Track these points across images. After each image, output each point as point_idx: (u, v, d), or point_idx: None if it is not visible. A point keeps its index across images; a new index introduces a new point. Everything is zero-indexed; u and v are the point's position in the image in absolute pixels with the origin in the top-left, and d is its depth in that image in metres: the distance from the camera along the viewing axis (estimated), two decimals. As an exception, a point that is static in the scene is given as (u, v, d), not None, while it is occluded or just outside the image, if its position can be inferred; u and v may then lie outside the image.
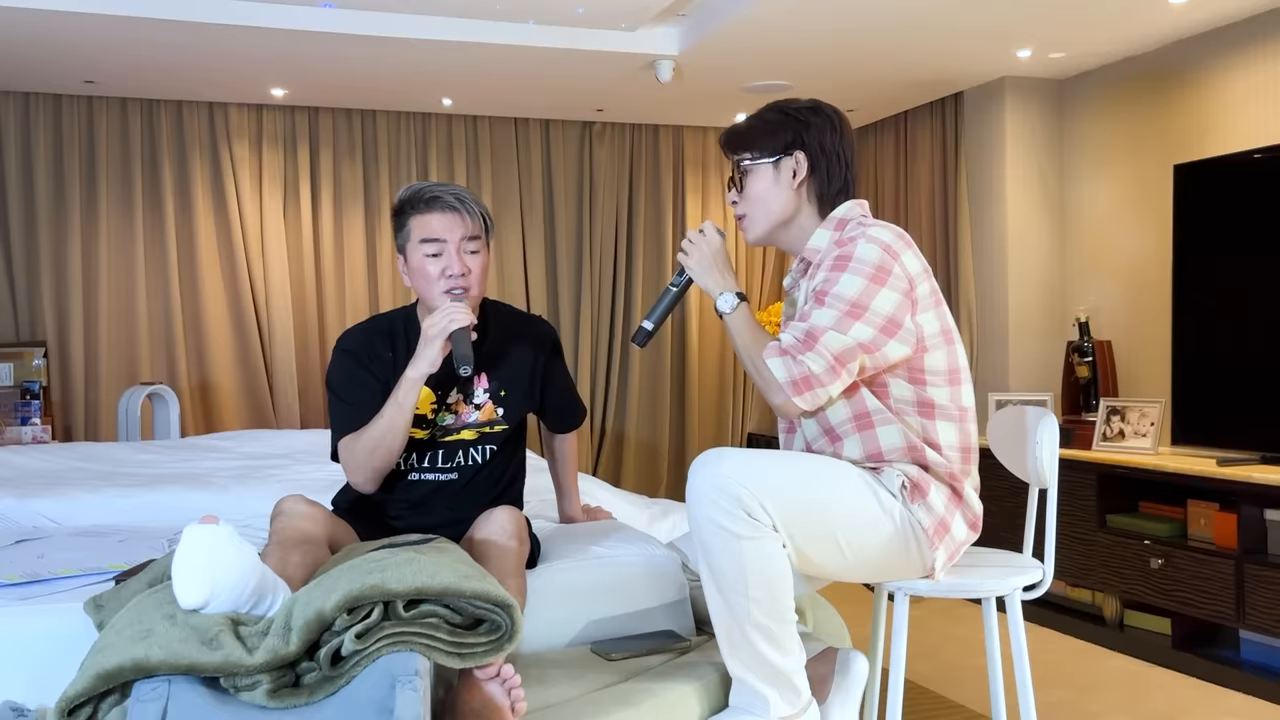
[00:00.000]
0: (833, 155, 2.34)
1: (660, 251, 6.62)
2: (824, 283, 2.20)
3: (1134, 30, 4.62)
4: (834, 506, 2.11)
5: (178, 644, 1.67)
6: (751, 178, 2.36)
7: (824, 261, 2.25)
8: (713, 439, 6.76)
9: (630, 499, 3.63)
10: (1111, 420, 4.60)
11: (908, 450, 2.22)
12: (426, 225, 2.44)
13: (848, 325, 2.14)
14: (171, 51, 4.85)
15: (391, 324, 2.58)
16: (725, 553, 2.03)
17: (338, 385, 2.50)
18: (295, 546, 2.13)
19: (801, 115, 2.35)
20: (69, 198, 5.61)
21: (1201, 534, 4.05)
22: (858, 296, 2.15)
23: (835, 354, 2.13)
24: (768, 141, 2.34)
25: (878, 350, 2.17)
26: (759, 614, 2.03)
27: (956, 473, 2.25)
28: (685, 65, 5.18)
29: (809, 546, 2.09)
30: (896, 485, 2.18)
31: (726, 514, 2.01)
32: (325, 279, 6.06)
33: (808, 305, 2.22)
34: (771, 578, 2.03)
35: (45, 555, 2.56)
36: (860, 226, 2.26)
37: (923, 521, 2.18)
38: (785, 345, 2.17)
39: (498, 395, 2.53)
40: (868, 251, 2.18)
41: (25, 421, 5.26)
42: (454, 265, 2.43)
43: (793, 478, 2.10)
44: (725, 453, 2.08)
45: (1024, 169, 5.41)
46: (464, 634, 1.77)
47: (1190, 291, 4.40)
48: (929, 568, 2.22)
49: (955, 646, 4.23)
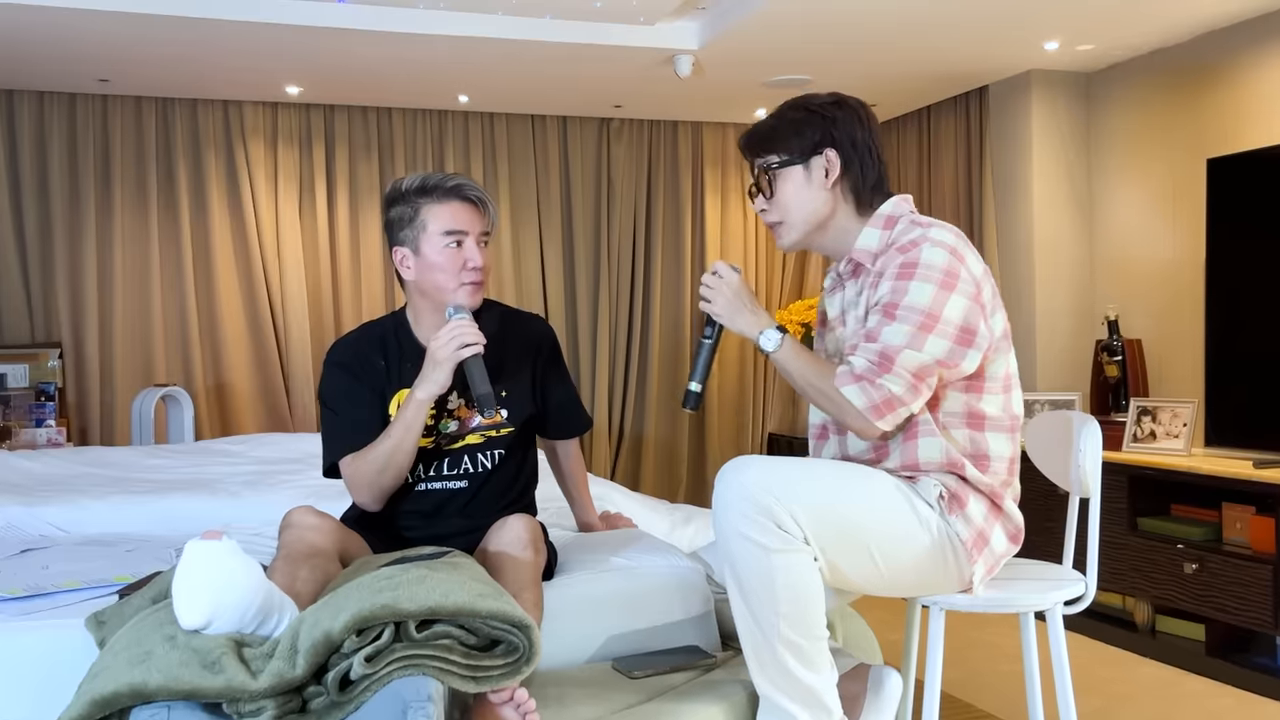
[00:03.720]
0: (864, 150, 2.24)
1: (679, 250, 6.54)
2: (891, 294, 2.10)
3: (1165, 22, 4.51)
4: (868, 518, 2.03)
5: (177, 667, 1.59)
6: (781, 181, 2.24)
7: (886, 269, 2.14)
8: (733, 439, 6.67)
9: (650, 504, 3.55)
10: (1142, 421, 4.50)
11: (946, 465, 2.14)
12: (450, 215, 2.37)
13: (922, 340, 2.06)
14: (186, 49, 4.80)
15: (382, 331, 2.50)
16: (753, 566, 1.94)
17: (333, 401, 2.42)
18: (304, 560, 2.05)
19: (827, 111, 2.24)
20: (84, 197, 5.57)
21: (1237, 538, 3.95)
22: (929, 306, 2.07)
23: (913, 371, 2.06)
24: (795, 141, 2.23)
25: (955, 365, 2.10)
26: (788, 630, 1.95)
27: (998, 486, 2.17)
28: (705, 60, 5.10)
29: (842, 560, 2.00)
30: (934, 495, 2.09)
31: (755, 525, 1.93)
32: (341, 278, 6.00)
33: (875, 320, 2.11)
34: (802, 592, 1.95)
35: (50, 566, 2.50)
36: (916, 226, 2.17)
37: (961, 534, 2.10)
38: (859, 370, 2.08)
39: (500, 397, 2.44)
40: (934, 256, 2.09)
41: (40, 423, 5.22)
42: (476, 258, 2.37)
43: (825, 487, 2.01)
44: (753, 460, 1.99)
45: (1051, 165, 5.31)
46: (479, 656, 1.69)
47: (1224, 289, 4.30)
48: (967, 581, 2.13)
49: (985, 652, 4.13)
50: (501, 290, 6.23)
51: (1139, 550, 4.25)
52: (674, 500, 6.34)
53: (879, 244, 2.21)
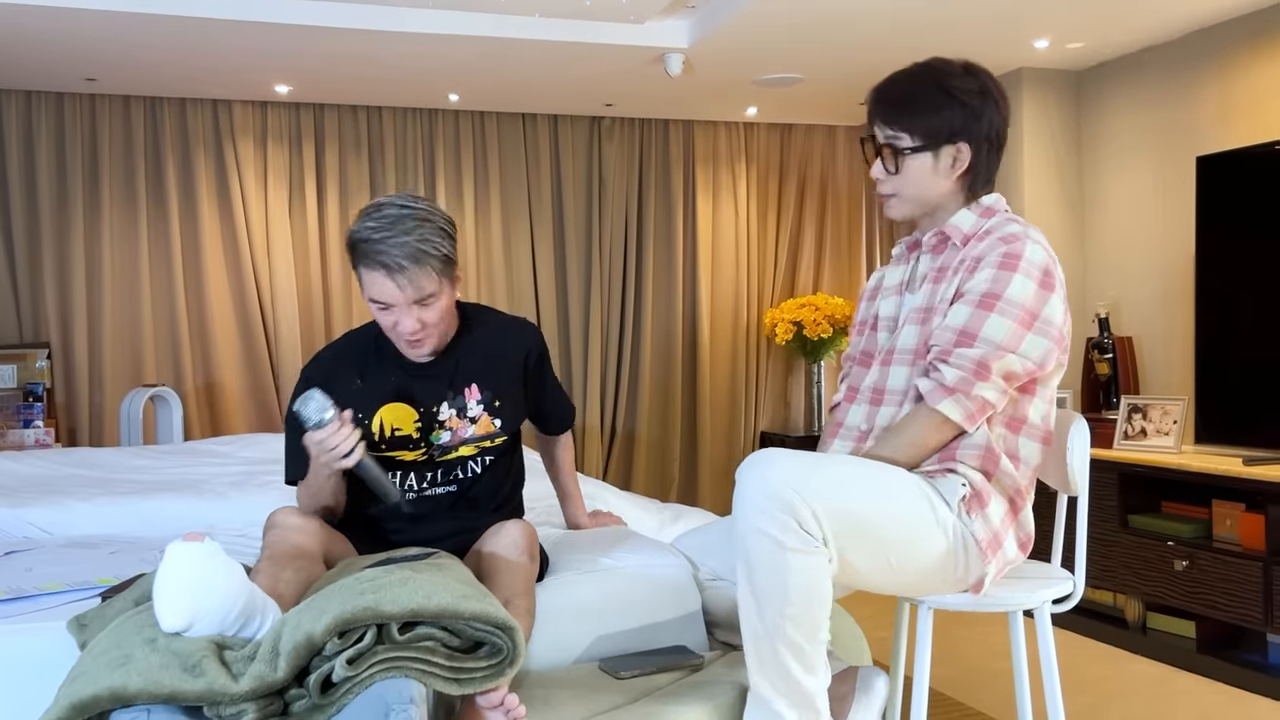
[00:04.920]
0: (995, 144, 2.22)
1: (670, 248, 6.52)
2: (993, 283, 2.09)
3: (1154, 19, 4.51)
4: (889, 519, 2.01)
5: (157, 671, 1.58)
6: (907, 163, 2.20)
7: (986, 257, 2.12)
8: (725, 438, 6.66)
9: (641, 503, 3.54)
10: (1133, 418, 4.50)
11: (985, 453, 2.13)
12: (371, 286, 2.20)
13: (1021, 337, 2.07)
14: (174, 48, 4.78)
15: (362, 343, 2.42)
16: (769, 564, 1.91)
17: (291, 419, 2.37)
18: (288, 562, 2.03)
19: (970, 99, 2.17)
20: (71, 197, 5.54)
21: (1228, 535, 3.95)
22: (1031, 303, 2.08)
23: (1005, 375, 2.08)
24: (933, 124, 2.17)
25: (1046, 369, 2.13)
26: (793, 631, 1.93)
27: (1023, 489, 2.18)
28: (695, 59, 5.09)
29: (856, 559, 1.99)
30: (957, 497, 2.08)
31: (777, 523, 1.89)
32: (331, 278, 5.98)
33: (967, 311, 2.09)
34: (813, 596, 1.93)
35: (33, 568, 2.48)
36: (1014, 222, 2.17)
37: (977, 533, 2.09)
38: (953, 382, 2.07)
39: (492, 406, 2.40)
40: (1036, 254, 2.10)
41: (28, 424, 5.19)
42: (405, 324, 2.21)
43: (851, 490, 1.98)
44: (778, 454, 1.95)
45: (1042, 162, 5.30)
46: (462, 658, 1.68)
47: (1214, 286, 4.29)
48: (974, 582, 2.13)
49: (975, 650, 4.13)
50: (494, 289, 6.21)
51: (1129, 547, 4.25)
52: (666, 499, 6.34)
53: (971, 226, 2.21)
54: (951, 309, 2.14)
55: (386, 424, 2.34)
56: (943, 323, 2.14)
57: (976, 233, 2.20)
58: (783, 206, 6.76)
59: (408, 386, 2.36)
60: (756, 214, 6.71)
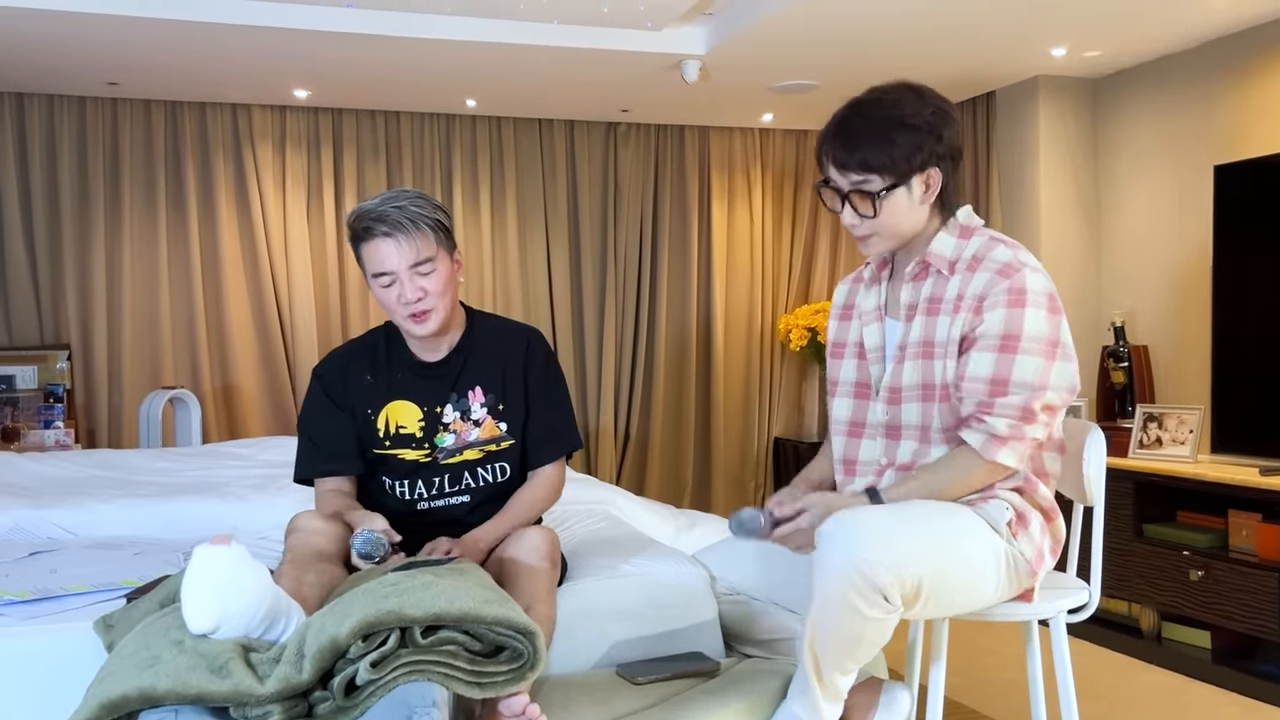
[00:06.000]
0: (957, 157, 2.20)
1: (685, 254, 6.54)
2: (1006, 323, 2.08)
3: (1173, 28, 4.51)
4: (962, 570, 2.05)
5: (185, 672, 1.60)
6: (884, 204, 2.14)
7: (989, 295, 2.09)
8: (738, 444, 6.67)
9: (656, 509, 3.56)
10: (1148, 427, 4.50)
11: (1022, 483, 2.18)
12: (373, 257, 2.30)
13: (1050, 371, 2.09)
14: (194, 53, 4.81)
15: (373, 344, 2.48)
16: (848, 626, 1.94)
17: (304, 418, 2.45)
18: (311, 565, 2.06)
19: (928, 125, 2.12)
20: (92, 199, 5.59)
21: (1244, 545, 3.94)
22: (1049, 333, 2.09)
23: (1045, 410, 2.09)
24: (898, 159, 2.11)
25: (1077, 392, 2.15)
26: (852, 665, 2.00)
27: (1052, 499, 2.22)
28: (712, 65, 5.10)
29: (925, 610, 2.03)
30: (1003, 521, 2.11)
31: (864, 598, 1.90)
32: (349, 282, 6.01)
33: (989, 357, 2.08)
34: (879, 644, 1.98)
35: (58, 569, 2.51)
36: (997, 243, 2.16)
37: (1026, 553, 2.13)
38: (1004, 432, 2.07)
39: (496, 409, 2.42)
40: (1037, 281, 2.11)
41: (49, 425, 5.23)
42: (409, 293, 2.29)
43: (933, 552, 1.99)
44: (866, 526, 1.94)
45: (1058, 170, 5.30)
46: (484, 662, 1.70)
47: (1230, 295, 4.29)
48: (1021, 593, 2.18)
49: (990, 659, 4.13)
50: (509, 293, 6.24)
51: (1144, 557, 4.24)
52: (679, 504, 6.35)
53: (953, 251, 2.19)
54: (972, 358, 2.11)
55: (391, 421, 2.39)
56: (968, 374, 2.11)
57: (959, 257, 2.18)
58: (798, 213, 6.77)
59: (413, 385, 2.40)
60: (771, 220, 6.72)
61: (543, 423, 2.47)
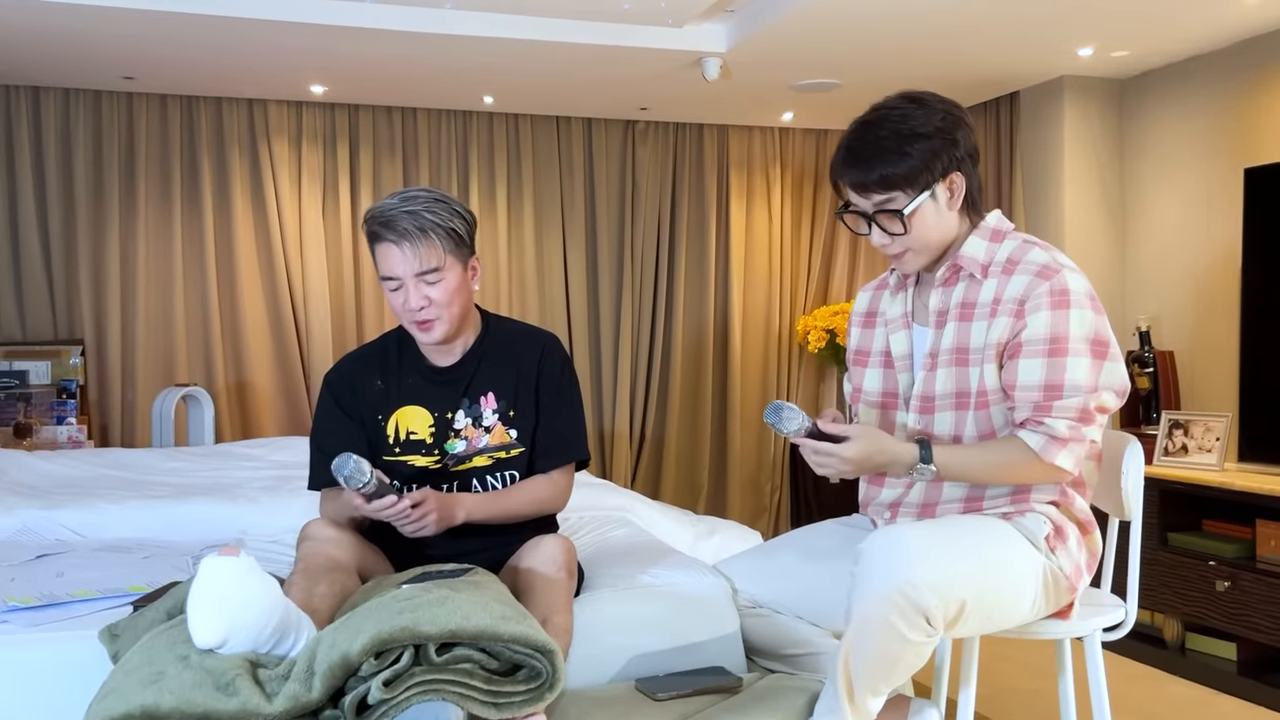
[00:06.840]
0: (975, 158, 2.16)
1: (703, 254, 6.47)
2: (1053, 326, 2.04)
3: (1201, 29, 4.43)
4: (1003, 589, 2.01)
5: (190, 689, 1.55)
6: (914, 218, 2.09)
7: (1030, 298, 2.05)
8: (755, 447, 6.61)
9: (674, 515, 3.49)
10: (1174, 434, 4.42)
11: (1058, 493, 2.13)
12: (382, 261, 2.26)
13: (1100, 372, 2.05)
14: (211, 48, 4.77)
15: (385, 347, 2.44)
16: (885, 648, 1.90)
17: (315, 428, 2.40)
18: (322, 575, 2.01)
19: (945, 131, 2.08)
20: (107, 194, 5.55)
21: (1272, 555, 3.87)
22: (1095, 333, 2.06)
23: (1100, 410, 2.06)
24: (917, 171, 2.07)
25: (1128, 390, 2.11)
26: (885, 688, 1.95)
27: (1088, 511, 2.18)
28: (732, 63, 5.04)
29: (964, 629, 1.99)
30: (1041, 535, 2.07)
31: (906, 620, 1.86)
32: (364, 279, 5.97)
33: (1038, 362, 2.03)
34: (913, 669, 1.94)
35: (65, 573, 2.47)
36: (1031, 245, 2.13)
37: (1064, 567, 2.09)
38: (1064, 434, 2.03)
39: (507, 416, 2.37)
40: (1078, 282, 2.07)
41: (61, 421, 5.20)
42: (412, 300, 2.25)
43: (977, 573, 1.95)
44: (909, 547, 1.90)
45: (1083, 172, 5.22)
46: (501, 681, 1.64)
47: (1259, 300, 4.21)
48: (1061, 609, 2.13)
49: (1013, 668, 4.06)
50: (525, 291, 6.19)
51: (1169, 566, 4.17)
52: (695, 508, 6.29)
53: (985, 254, 2.15)
54: (1021, 366, 2.06)
55: (401, 426, 2.33)
56: (1020, 383, 2.06)
57: (992, 260, 2.14)
58: (817, 213, 6.70)
59: (425, 390, 2.36)
60: (790, 220, 6.65)
61: (551, 429, 2.41)
